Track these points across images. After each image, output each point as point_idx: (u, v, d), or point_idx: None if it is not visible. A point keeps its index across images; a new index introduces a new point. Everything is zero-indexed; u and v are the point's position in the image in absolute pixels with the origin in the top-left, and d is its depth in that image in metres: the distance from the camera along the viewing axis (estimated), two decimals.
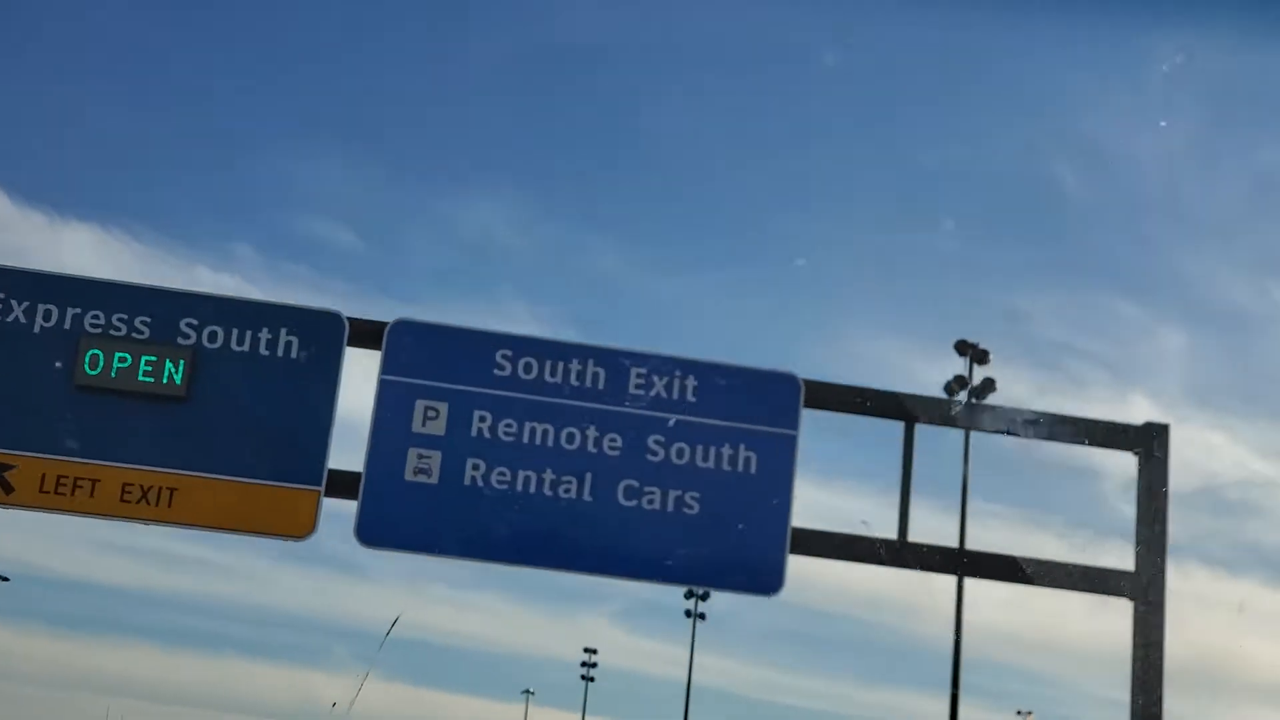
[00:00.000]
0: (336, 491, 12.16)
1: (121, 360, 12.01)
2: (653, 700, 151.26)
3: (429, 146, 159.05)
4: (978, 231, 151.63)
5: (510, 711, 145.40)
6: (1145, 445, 14.14)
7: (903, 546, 13.77)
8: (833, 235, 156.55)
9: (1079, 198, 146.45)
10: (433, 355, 12.39)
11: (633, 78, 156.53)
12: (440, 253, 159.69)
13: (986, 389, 47.01)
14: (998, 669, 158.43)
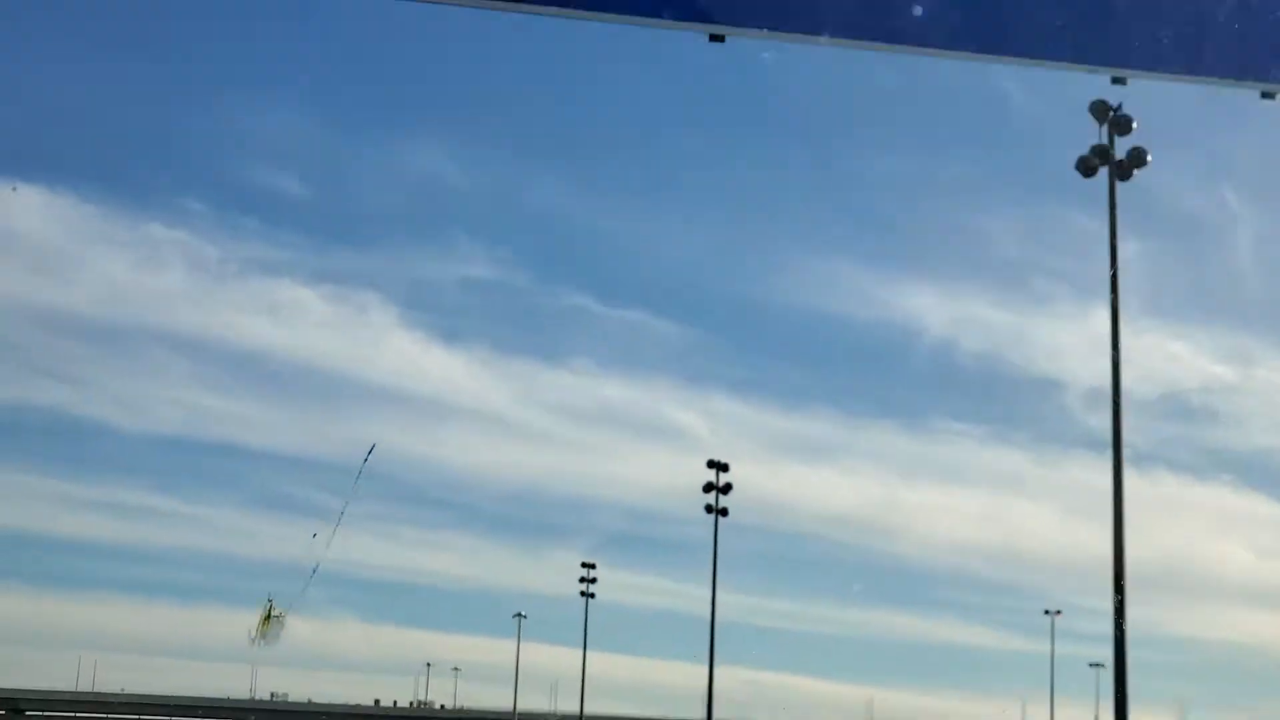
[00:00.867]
0: None
1: None
2: (640, 629, 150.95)
3: (373, 92, 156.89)
4: (928, 151, 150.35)
5: (498, 646, 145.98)
6: None
7: None
8: (784, 161, 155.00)
9: (1026, 112, 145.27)
10: None
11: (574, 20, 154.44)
12: (389, 198, 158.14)
13: (1135, 162, 38.95)
14: (971, 581, 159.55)
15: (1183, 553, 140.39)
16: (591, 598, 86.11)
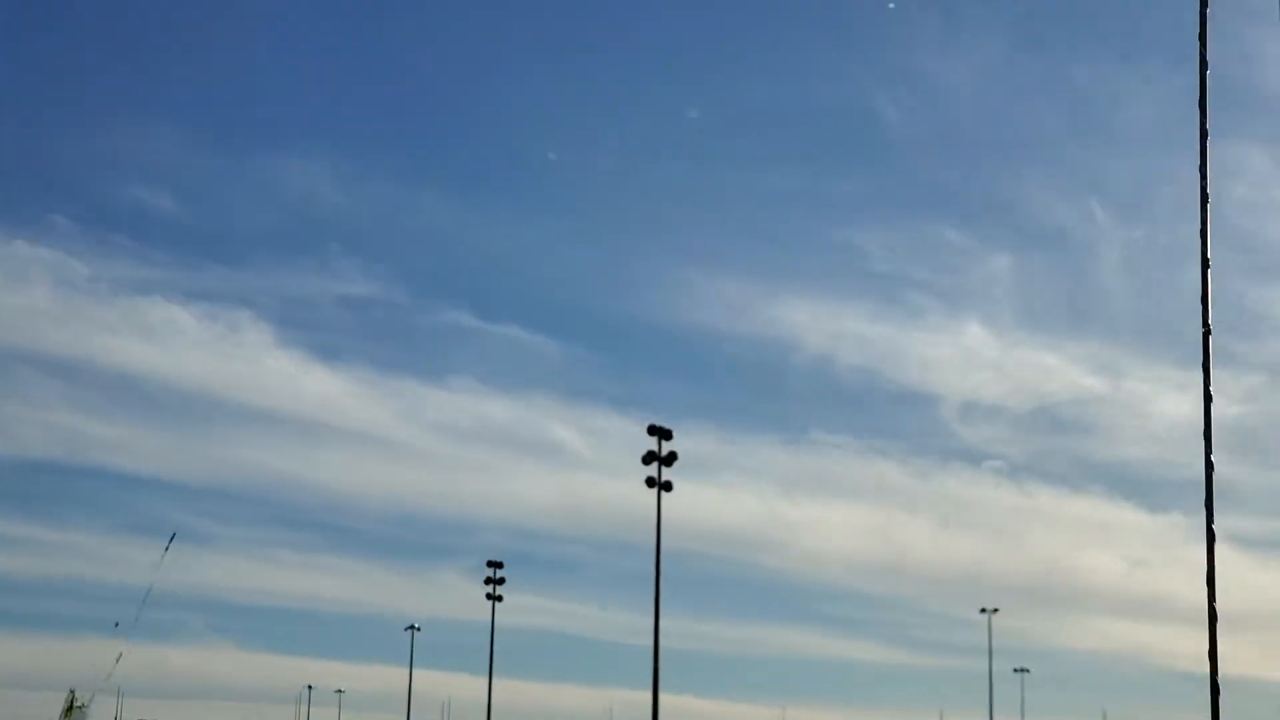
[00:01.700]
0: None
1: None
2: (527, 651, 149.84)
3: (246, 108, 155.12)
4: (807, 167, 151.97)
5: (382, 672, 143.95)
6: None
7: None
8: (660, 174, 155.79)
9: (900, 130, 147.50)
10: None
11: (448, 31, 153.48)
12: (264, 215, 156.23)
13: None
14: (856, 595, 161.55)
15: (1056, 563, 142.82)
16: (499, 600, 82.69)
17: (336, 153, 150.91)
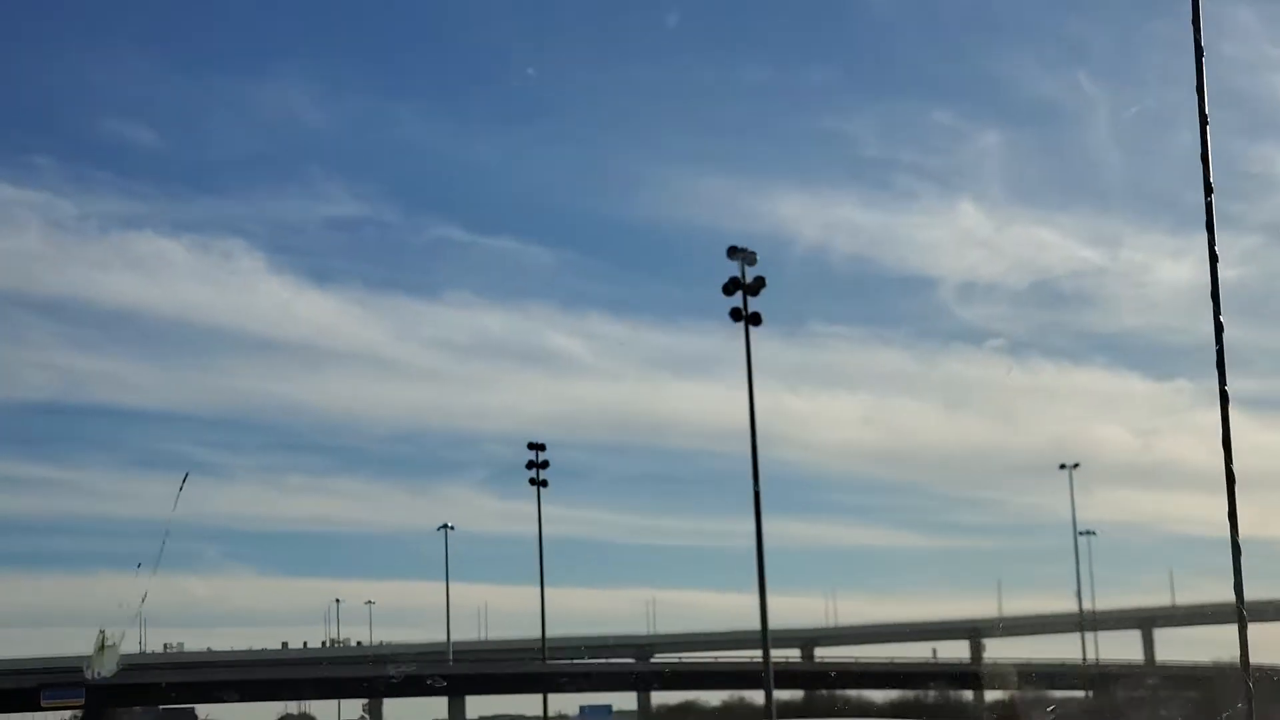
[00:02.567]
0: None
1: None
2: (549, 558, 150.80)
3: (220, 32, 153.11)
4: (787, 57, 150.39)
5: (402, 587, 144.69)
6: None
7: None
8: (640, 77, 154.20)
9: (880, 12, 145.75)
10: None
11: None
12: (244, 140, 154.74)
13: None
14: (863, 482, 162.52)
15: (1064, 437, 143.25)
16: (544, 485, 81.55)
17: (311, 71, 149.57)
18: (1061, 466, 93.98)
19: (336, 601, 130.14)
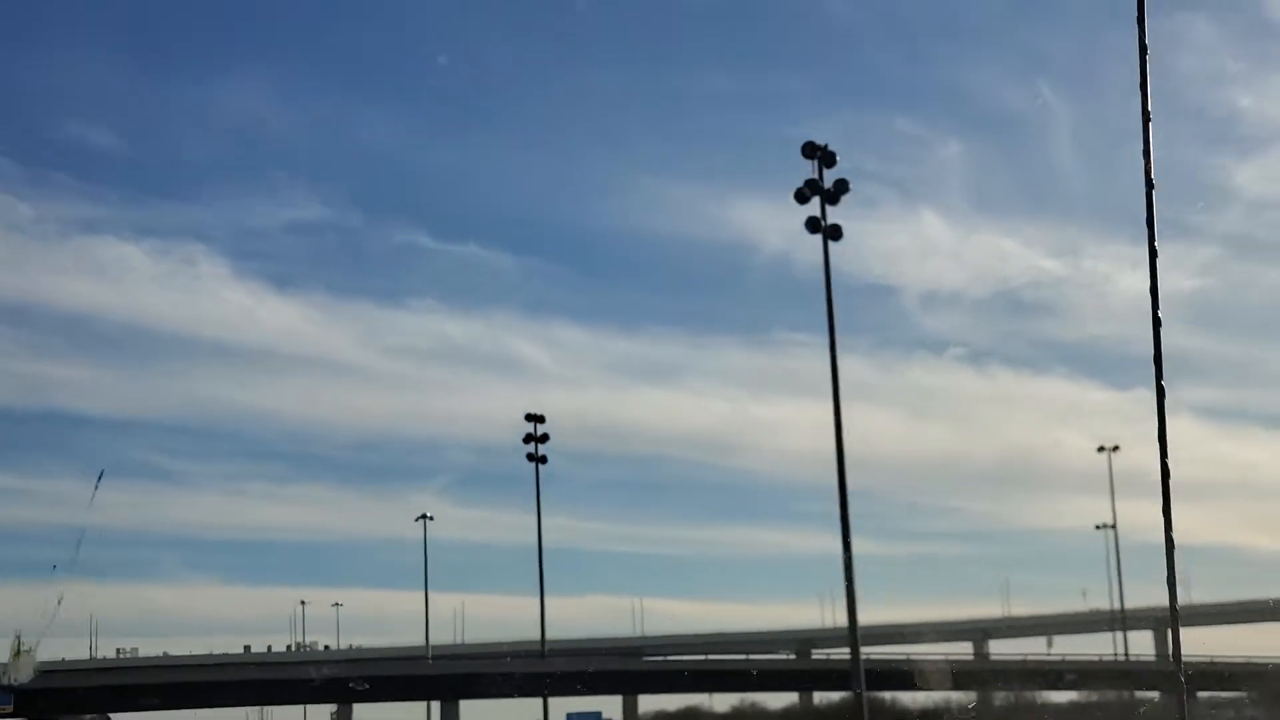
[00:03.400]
0: None
1: None
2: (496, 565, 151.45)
3: (183, 35, 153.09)
4: (752, 65, 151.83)
5: (366, 596, 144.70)
6: None
7: None
8: (605, 84, 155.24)
9: (844, 21, 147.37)
10: None
11: None
12: (208, 145, 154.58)
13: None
14: (826, 491, 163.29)
15: (1023, 445, 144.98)
16: (543, 461, 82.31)
17: (275, 75, 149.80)
18: (1099, 449, 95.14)
19: (301, 604, 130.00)
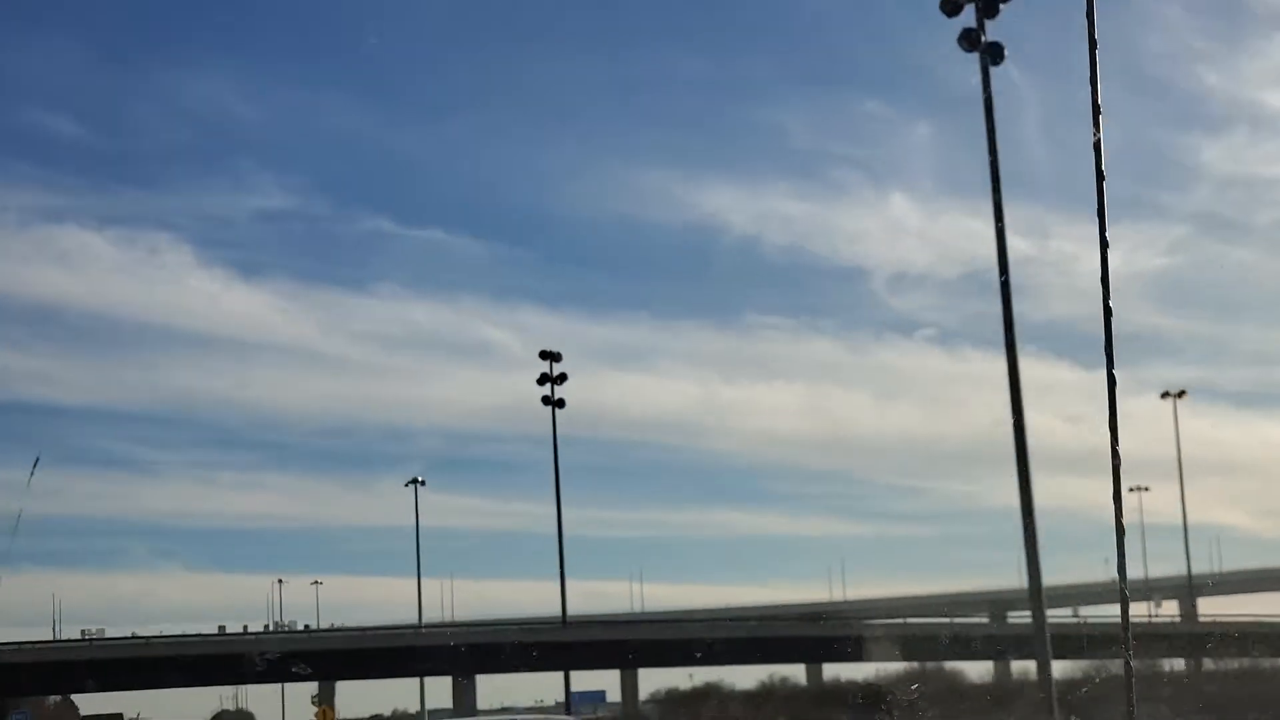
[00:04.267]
0: None
1: None
2: (480, 552, 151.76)
3: (146, 21, 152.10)
4: (717, 48, 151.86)
5: (340, 582, 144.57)
6: None
7: None
8: (572, 69, 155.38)
9: (815, 3, 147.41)
10: None
11: None
12: (172, 133, 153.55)
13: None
14: (798, 472, 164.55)
15: (995, 426, 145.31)
16: (560, 405, 74.93)
17: (240, 62, 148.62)
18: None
19: (278, 581, 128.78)
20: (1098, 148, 3.73)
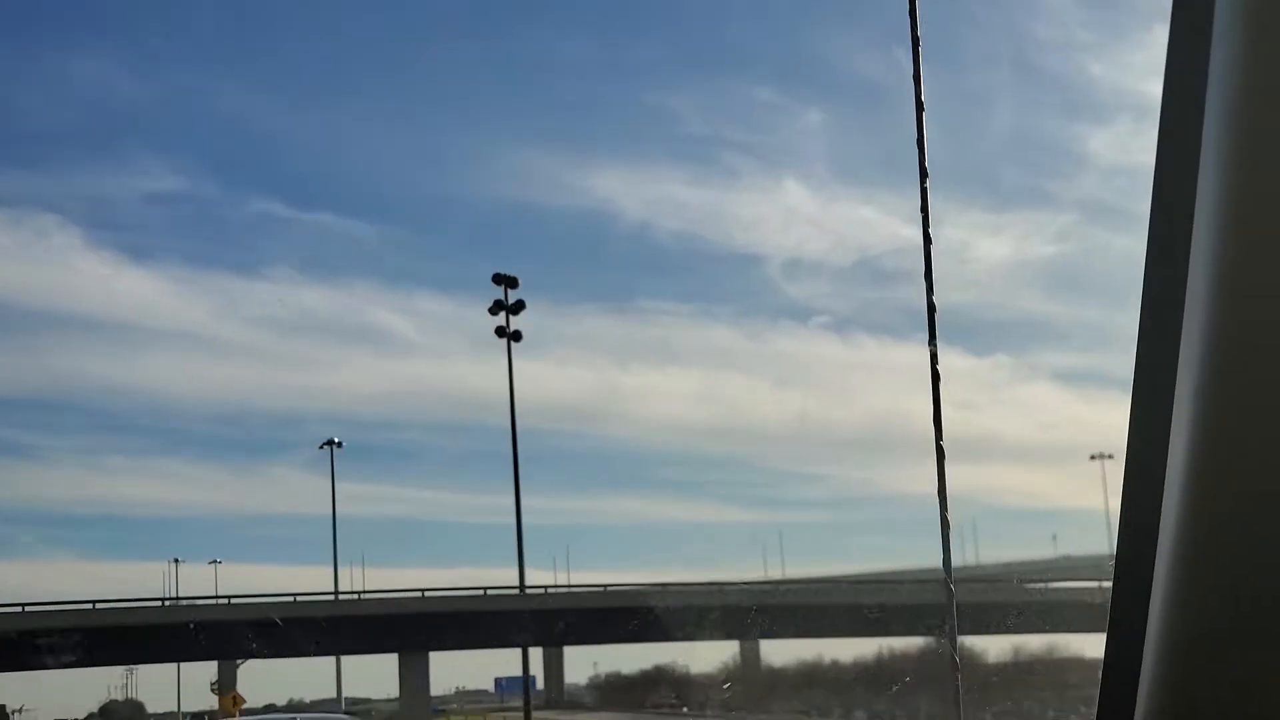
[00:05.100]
0: None
1: None
2: (379, 540, 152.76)
3: (27, 1, 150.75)
4: (606, 32, 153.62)
5: (232, 570, 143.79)
6: None
7: None
8: (461, 52, 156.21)
9: None
10: None
11: None
12: (58, 114, 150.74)
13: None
14: (694, 458, 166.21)
15: (888, 412, 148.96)
16: (517, 338, 75.52)
17: (130, 43, 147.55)
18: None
19: (174, 561, 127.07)
20: (920, 145, 4.33)
